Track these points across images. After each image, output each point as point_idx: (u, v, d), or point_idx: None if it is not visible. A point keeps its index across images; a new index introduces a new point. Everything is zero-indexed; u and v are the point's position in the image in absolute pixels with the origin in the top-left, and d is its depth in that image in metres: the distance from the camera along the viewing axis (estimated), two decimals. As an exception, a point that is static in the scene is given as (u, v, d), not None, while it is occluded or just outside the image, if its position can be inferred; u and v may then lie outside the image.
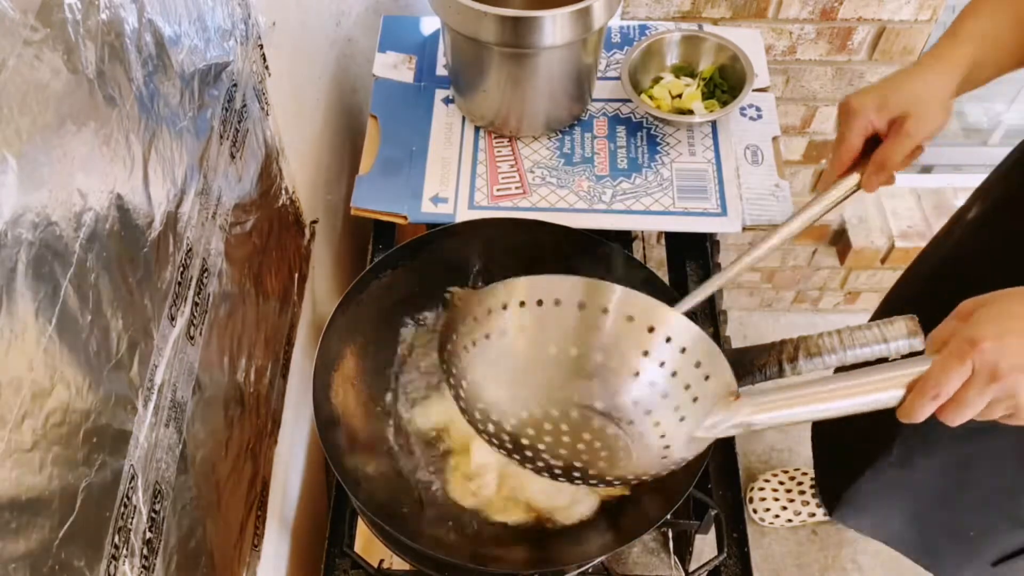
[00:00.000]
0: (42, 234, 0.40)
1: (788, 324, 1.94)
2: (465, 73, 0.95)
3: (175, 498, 0.56)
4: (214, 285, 0.64)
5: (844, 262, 1.77)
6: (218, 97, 0.65)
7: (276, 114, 0.80)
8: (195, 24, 0.60)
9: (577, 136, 1.00)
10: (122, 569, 0.48)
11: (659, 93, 1.00)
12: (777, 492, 1.63)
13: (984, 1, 0.77)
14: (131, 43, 0.50)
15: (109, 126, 0.47)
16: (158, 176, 0.54)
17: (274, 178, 0.80)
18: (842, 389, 0.58)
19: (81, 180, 0.44)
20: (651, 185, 0.95)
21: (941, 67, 0.75)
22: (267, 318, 0.79)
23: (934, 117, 0.74)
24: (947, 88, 0.74)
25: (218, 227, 0.66)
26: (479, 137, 0.99)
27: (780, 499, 1.62)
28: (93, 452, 0.45)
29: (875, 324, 0.77)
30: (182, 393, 0.58)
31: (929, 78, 0.74)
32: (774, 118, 1.01)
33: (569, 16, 0.83)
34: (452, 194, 0.94)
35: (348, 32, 1.07)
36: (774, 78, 1.42)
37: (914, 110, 0.73)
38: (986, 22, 0.75)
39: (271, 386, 0.80)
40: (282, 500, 0.86)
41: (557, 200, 0.94)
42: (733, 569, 0.80)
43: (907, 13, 1.33)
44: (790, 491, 1.62)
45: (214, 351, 0.64)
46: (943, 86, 0.74)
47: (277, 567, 0.85)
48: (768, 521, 1.62)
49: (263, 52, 0.76)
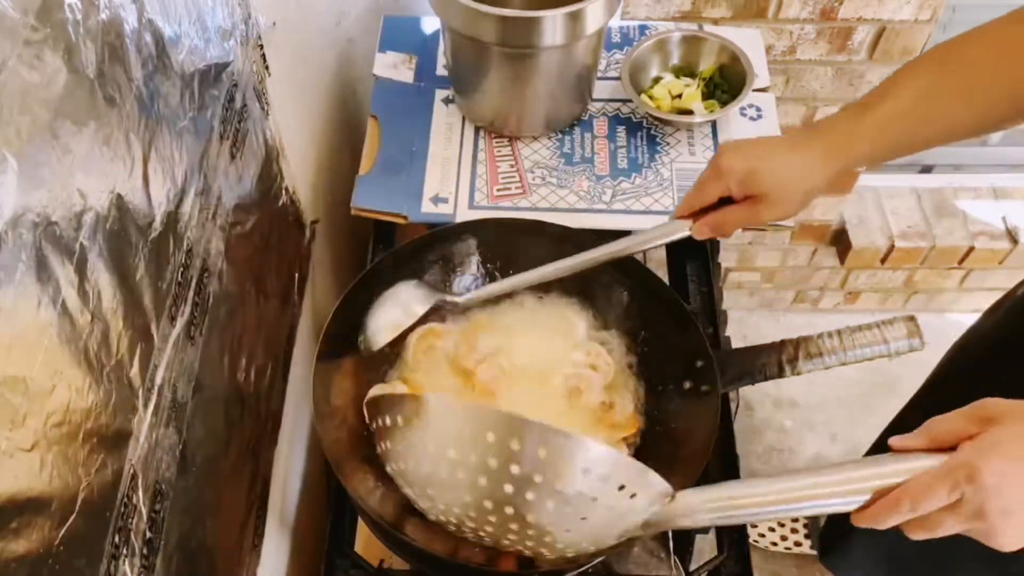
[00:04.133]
0: (42, 234, 0.40)
1: (788, 324, 1.94)
2: (465, 73, 0.95)
3: (175, 498, 0.56)
4: (214, 285, 0.64)
5: (844, 262, 1.77)
6: (218, 97, 0.65)
7: (276, 114, 0.80)
8: (195, 24, 0.60)
9: (577, 136, 1.00)
10: (122, 569, 0.48)
11: (659, 93, 1.00)
12: None
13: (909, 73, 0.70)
14: (131, 43, 0.50)
15: (109, 126, 0.47)
16: (158, 176, 0.54)
17: (274, 178, 0.80)
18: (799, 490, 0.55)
19: (81, 180, 0.44)
20: (651, 185, 0.95)
21: (827, 159, 0.71)
22: (267, 318, 0.79)
23: (788, 207, 0.72)
24: (820, 183, 0.72)
25: (218, 227, 0.66)
26: (479, 137, 0.99)
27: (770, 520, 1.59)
28: (93, 452, 0.45)
29: (875, 324, 0.77)
30: (182, 393, 0.58)
31: (808, 167, 0.71)
32: (774, 118, 1.01)
33: (569, 16, 0.83)
34: (452, 194, 0.94)
35: (348, 32, 1.07)
36: (774, 78, 1.42)
37: (773, 196, 0.71)
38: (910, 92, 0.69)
39: (271, 386, 0.80)
40: (282, 500, 0.86)
41: (557, 200, 0.94)
42: (733, 569, 0.80)
43: (907, 13, 1.33)
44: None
45: (214, 351, 0.64)
46: (817, 180, 0.71)
47: (277, 567, 0.85)
48: (752, 539, 1.58)
49: (263, 52, 0.76)
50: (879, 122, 0.69)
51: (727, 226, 0.75)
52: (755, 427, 1.78)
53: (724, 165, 0.72)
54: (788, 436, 1.77)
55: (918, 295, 1.89)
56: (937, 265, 1.77)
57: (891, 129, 0.70)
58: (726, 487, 0.58)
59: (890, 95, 0.70)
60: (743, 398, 1.77)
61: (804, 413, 1.79)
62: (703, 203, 0.76)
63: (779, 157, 0.72)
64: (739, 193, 0.73)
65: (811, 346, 0.78)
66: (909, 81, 0.70)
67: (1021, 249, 1.71)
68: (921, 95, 0.69)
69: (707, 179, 0.74)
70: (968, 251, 1.71)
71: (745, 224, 0.75)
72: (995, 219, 1.72)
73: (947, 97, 0.68)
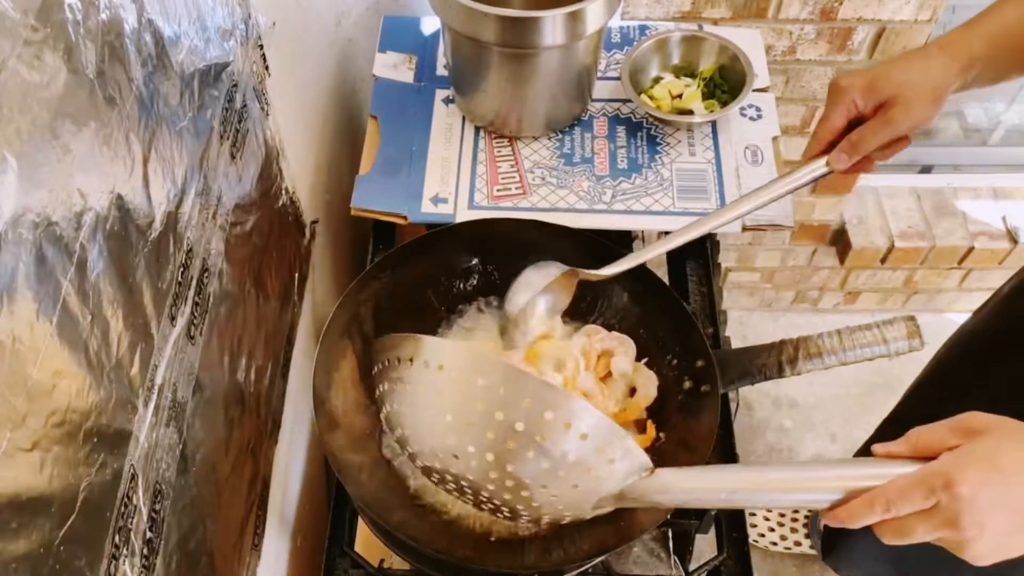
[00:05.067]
0: (42, 234, 0.40)
1: (788, 324, 1.94)
2: (465, 73, 0.95)
3: (175, 498, 0.56)
4: (214, 285, 0.64)
5: (844, 262, 1.77)
6: (218, 97, 0.65)
7: (276, 114, 0.80)
8: (195, 24, 0.60)
9: (577, 136, 1.00)
10: (122, 569, 0.48)
11: (659, 93, 1.00)
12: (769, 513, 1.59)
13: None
14: (131, 43, 0.50)
15: (109, 126, 0.47)
16: (158, 176, 0.54)
17: (274, 178, 0.80)
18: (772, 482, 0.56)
19: (81, 180, 0.44)
20: (651, 185, 0.95)
21: (944, 58, 0.70)
22: (267, 318, 0.79)
23: (922, 108, 0.70)
24: (945, 80, 0.70)
25: (218, 227, 0.66)
26: (479, 137, 0.99)
27: (770, 519, 1.57)
28: (93, 452, 0.45)
29: (875, 324, 0.77)
30: (182, 393, 0.58)
31: (929, 67, 0.70)
32: (774, 118, 1.01)
33: (569, 16, 0.83)
34: (452, 194, 0.94)
35: (348, 32, 1.07)
36: (774, 78, 1.42)
37: (902, 98, 0.70)
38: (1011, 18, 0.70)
39: (271, 386, 0.80)
40: (282, 500, 0.86)
41: (557, 200, 0.94)
42: (733, 569, 0.80)
43: (907, 13, 1.33)
44: (783, 515, 1.57)
45: (214, 351, 0.64)
46: (941, 78, 0.70)
47: (277, 567, 0.85)
48: (752, 539, 1.58)
49: (263, 52, 0.76)
50: (989, 30, 0.70)
51: (864, 142, 0.71)
52: (755, 427, 1.78)
53: (843, 83, 0.71)
54: (788, 436, 1.77)
55: (918, 295, 1.89)
56: (937, 265, 1.77)
57: (1000, 38, 0.70)
58: (706, 470, 0.59)
59: (994, 12, 0.71)
60: (743, 398, 1.77)
61: (804, 413, 1.80)
62: (833, 132, 0.73)
63: (898, 63, 0.71)
64: (867, 105, 0.71)
65: (811, 346, 0.78)
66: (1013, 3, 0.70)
67: (1021, 249, 1.71)
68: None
69: (831, 105, 0.72)
70: (968, 251, 1.71)
71: (884, 136, 0.71)
72: (995, 219, 1.72)
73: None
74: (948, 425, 0.53)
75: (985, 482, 0.49)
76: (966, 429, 0.52)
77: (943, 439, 0.52)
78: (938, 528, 0.51)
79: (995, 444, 0.51)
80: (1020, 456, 0.51)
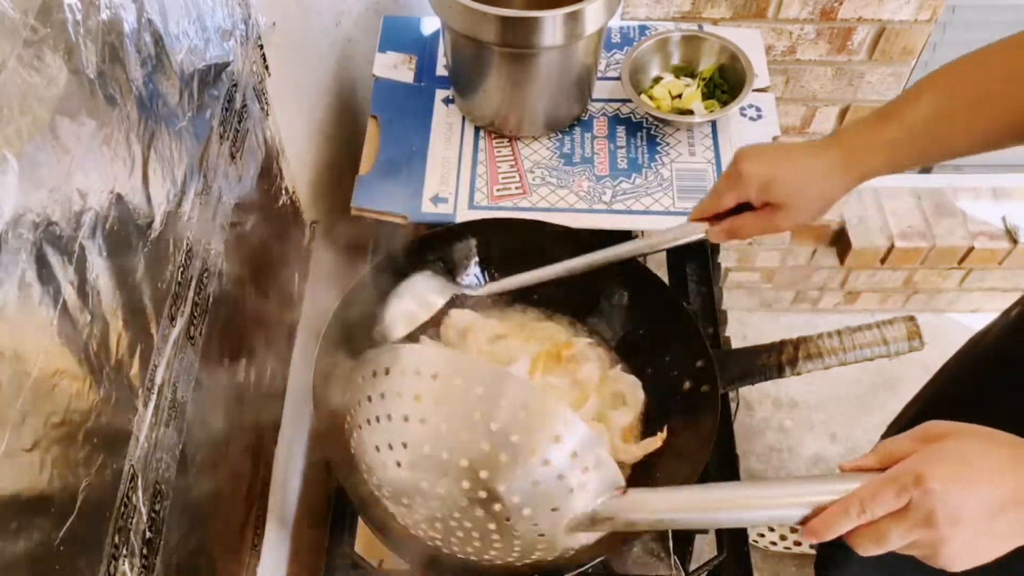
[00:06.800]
0: (42, 234, 0.40)
1: (788, 324, 1.94)
2: (465, 73, 0.95)
3: (175, 498, 0.56)
4: (214, 285, 0.64)
5: (844, 262, 1.77)
6: (218, 97, 0.65)
7: (276, 114, 0.80)
8: (195, 24, 0.60)
9: (577, 136, 1.00)
10: (122, 569, 0.48)
11: (659, 93, 1.00)
12: None
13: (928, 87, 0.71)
14: (131, 43, 0.50)
15: (109, 126, 0.47)
16: (158, 176, 0.54)
17: (274, 178, 0.80)
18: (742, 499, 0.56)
19: (81, 180, 0.44)
20: (651, 185, 0.95)
21: (844, 173, 0.71)
22: (267, 318, 0.79)
23: (807, 215, 0.73)
24: (838, 194, 0.72)
25: (218, 227, 0.66)
26: (479, 137, 0.99)
27: None
28: (93, 452, 0.45)
29: (875, 325, 0.77)
30: (182, 393, 0.58)
31: (828, 177, 0.71)
32: (774, 118, 1.01)
33: (569, 16, 0.83)
34: (452, 194, 0.94)
35: (348, 32, 1.07)
36: (774, 78, 1.42)
37: (792, 205, 0.72)
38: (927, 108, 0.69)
39: (271, 386, 0.80)
40: (282, 500, 0.86)
41: (557, 200, 0.94)
42: (733, 569, 0.80)
43: (907, 13, 1.33)
44: None
45: (214, 351, 0.64)
46: (835, 191, 0.72)
47: (277, 567, 0.85)
48: (752, 539, 1.58)
49: (263, 52, 0.76)
50: (895, 137, 0.70)
51: (744, 232, 0.75)
52: (755, 427, 1.78)
53: (744, 172, 0.72)
54: (788, 436, 1.77)
55: (918, 295, 1.89)
56: (937, 265, 1.77)
57: (906, 145, 0.70)
58: (677, 491, 0.59)
59: (908, 110, 0.70)
60: (743, 398, 1.77)
61: (804, 413, 1.80)
62: (720, 208, 0.76)
63: (798, 165, 0.72)
64: (758, 200, 0.73)
65: (811, 346, 0.78)
66: (928, 95, 0.70)
67: (1021, 249, 1.71)
68: (939, 113, 0.69)
69: (726, 185, 0.74)
70: (968, 251, 1.71)
71: (762, 231, 0.75)
72: (995, 219, 1.72)
73: (962, 117, 0.69)
74: (911, 435, 0.54)
75: (955, 475, 0.50)
76: (928, 435, 0.53)
77: (908, 447, 0.53)
78: (913, 528, 0.51)
79: (960, 442, 0.52)
80: (986, 450, 0.51)
